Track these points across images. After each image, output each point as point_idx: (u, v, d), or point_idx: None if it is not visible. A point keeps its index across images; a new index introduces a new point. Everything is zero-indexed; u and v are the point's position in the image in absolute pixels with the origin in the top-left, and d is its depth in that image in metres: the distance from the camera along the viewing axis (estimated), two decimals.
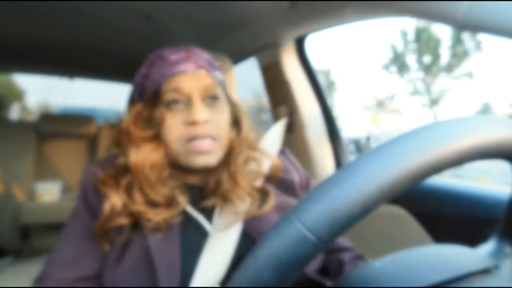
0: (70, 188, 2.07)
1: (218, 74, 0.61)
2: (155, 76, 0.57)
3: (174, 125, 0.55)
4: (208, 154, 0.55)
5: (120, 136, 0.58)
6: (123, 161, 0.56)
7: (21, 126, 2.11)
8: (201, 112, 0.54)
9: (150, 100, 0.58)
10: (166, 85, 0.56)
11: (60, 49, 1.64)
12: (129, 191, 0.55)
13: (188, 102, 0.56)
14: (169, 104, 0.56)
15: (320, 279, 0.57)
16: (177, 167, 0.58)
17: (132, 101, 0.63)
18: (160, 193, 0.54)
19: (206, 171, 0.58)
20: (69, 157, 2.17)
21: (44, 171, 2.07)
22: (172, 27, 1.32)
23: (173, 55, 0.58)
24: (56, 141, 2.16)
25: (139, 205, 0.53)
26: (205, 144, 0.54)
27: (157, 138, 0.56)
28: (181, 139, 0.55)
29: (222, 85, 0.61)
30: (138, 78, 0.61)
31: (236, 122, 0.62)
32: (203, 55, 0.61)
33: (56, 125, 2.13)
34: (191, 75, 0.57)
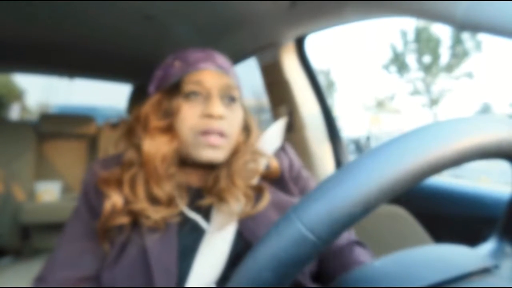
0: (70, 188, 2.07)
1: (236, 79, 0.64)
2: (178, 69, 0.59)
3: (190, 116, 0.56)
4: (217, 149, 0.56)
5: (137, 124, 0.59)
6: (131, 155, 0.57)
7: (21, 126, 2.11)
8: (218, 106, 0.56)
9: (169, 90, 0.59)
10: (188, 77, 0.58)
11: (60, 49, 1.64)
12: (132, 185, 0.55)
13: (207, 97, 0.57)
14: (188, 95, 0.57)
15: (310, 283, 0.57)
16: (183, 163, 0.59)
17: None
18: (163, 189, 0.54)
19: (208, 169, 0.59)
20: (69, 157, 2.16)
21: (44, 171, 2.07)
22: (172, 27, 1.32)
23: (199, 53, 0.61)
24: (56, 141, 2.16)
25: (140, 201, 0.53)
26: (216, 138, 0.56)
27: (172, 130, 0.57)
28: (194, 131, 0.56)
29: (239, 89, 0.63)
30: (160, 70, 0.63)
31: (246, 128, 0.64)
32: (226, 61, 0.64)
33: (56, 125, 2.13)
34: (214, 72, 0.59)
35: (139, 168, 0.56)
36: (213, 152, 0.56)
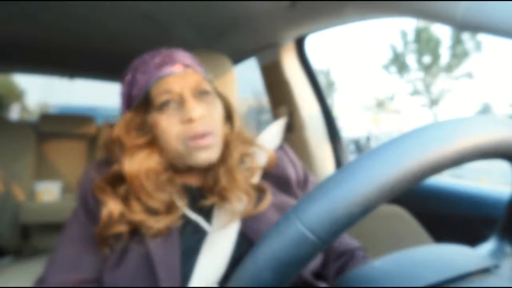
0: (70, 188, 2.07)
1: (203, 71, 0.62)
2: (143, 82, 0.57)
3: (170, 126, 0.55)
4: (209, 150, 0.55)
5: (112, 145, 0.57)
6: (118, 169, 0.55)
7: (21, 126, 2.10)
8: (196, 108, 0.54)
9: (140, 106, 0.57)
10: (155, 88, 0.56)
11: (60, 49, 1.64)
12: (126, 200, 0.54)
13: (181, 102, 0.55)
14: (161, 107, 0.55)
15: (316, 283, 0.57)
16: (175, 169, 0.58)
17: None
18: (158, 200, 0.53)
19: (205, 170, 0.58)
20: (69, 157, 2.16)
21: (44, 171, 2.07)
22: (172, 27, 1.32)
23: (156, 58, 0.58)
24: (56, 141, 2.16)
25: (138, 214, 0.52)
26: (206, 140, 0.54)
27: (151, 144, 0.56)
28: (181, 138, 0.54)
29: (209, 80, 0.62)
30: (124, 88, 0.60)
31: (228, 117, 0.63)
32: (186, 55, 0.61)
33: (56, 125, 2.13)
34: (179, 75, 0.57)
35: (127, 186, 0.54)
36: (207, 153, 0.55)
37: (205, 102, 0.57)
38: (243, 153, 0.60)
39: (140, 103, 0.57)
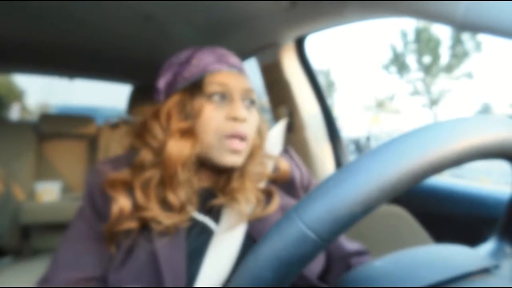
0: (70, 188, 2.07)
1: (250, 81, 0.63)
2: (198, 68, 0.58)
3: (214, 118, 0.55)
4: (239, 155, 0.56)
5: (154, 123, 0.56)
6: (145, 157, 0.55)
7: (21, 126, 2.11)
8: (243, 109, 0.56)
9: (189, 90, 0.57)
10: (210, 77, 0.57)
11: (60, 49, 1.64)
12: (144, 189, 0.53)
13: (230, 99, 0.57)
14: (211, 96, 0.56)
15: (321, 285, 0.57)
16: (199, 166, 0.58)
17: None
18: (178, 196, 0.53)
19: (222, 171, 0.58)
20: (69, 157, 2.17)
21: (44, 171, 2.07)
22: (172, 27, 1.32)
23: (214, 53, 0.60)
24: (56, 141, 2.16)
25: (151, 207, 0.52)
26: (239, 144, 0.55)
27: (192, 132, 0.55)
28: (219, 134, 0.55)
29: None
30: (173, 66, 0.60)
31: (258, 131, 0.64)
32: (239, 61, 0.64)
33: (56, 125, 2.13)
34: (235, 74, 0.59)
35: (154, 172, 0.54)
36: (235, 157, 0.55)
37: (248, 110, 0.59)
38: (259, 163, 0.61)
39: (189, 87, 0.57)
